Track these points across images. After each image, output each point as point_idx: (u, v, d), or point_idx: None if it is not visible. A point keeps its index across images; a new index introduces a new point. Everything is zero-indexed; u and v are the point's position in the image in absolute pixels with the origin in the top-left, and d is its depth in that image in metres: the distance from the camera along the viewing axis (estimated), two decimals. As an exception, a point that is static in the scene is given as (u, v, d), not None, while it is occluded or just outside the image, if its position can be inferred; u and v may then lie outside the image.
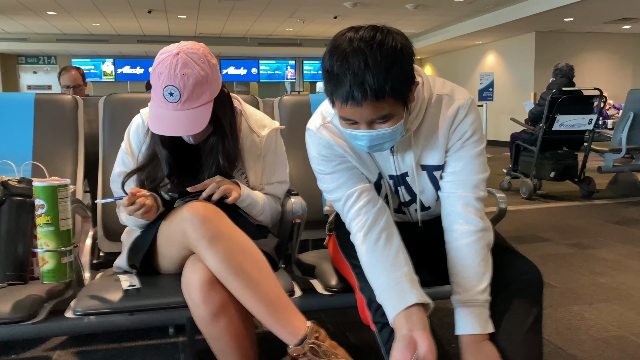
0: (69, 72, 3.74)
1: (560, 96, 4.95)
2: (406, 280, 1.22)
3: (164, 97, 1.36)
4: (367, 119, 1.16)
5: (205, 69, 1.38)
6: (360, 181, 1.34)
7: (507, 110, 11.08)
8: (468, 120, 1.31)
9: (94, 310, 1.35)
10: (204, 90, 1.38)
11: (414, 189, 1.38)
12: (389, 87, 1.11)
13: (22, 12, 10.11)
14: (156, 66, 1.37)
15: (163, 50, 1.39)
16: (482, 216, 1.31)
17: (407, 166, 1.35)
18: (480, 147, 1.34)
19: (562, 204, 5.03)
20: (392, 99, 1.13)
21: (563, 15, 9.35)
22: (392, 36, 1.13)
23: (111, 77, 14.95)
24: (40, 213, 1.31)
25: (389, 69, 1.10)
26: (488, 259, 1.29)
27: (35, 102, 1.93)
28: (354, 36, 1.13)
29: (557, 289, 2.65)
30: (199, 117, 1.38)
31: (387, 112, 1.15)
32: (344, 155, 1.34)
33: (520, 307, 1.27)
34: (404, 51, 1.14)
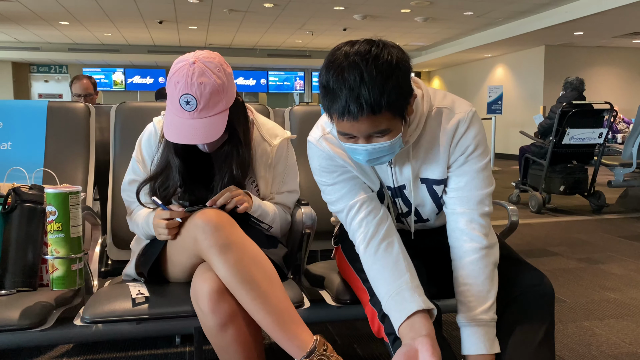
0: (81, 81, 3.78)
1: (571, 110, 4.94)
2: (406, 288, 1.20)
3: (180, 106, 1.36)
4: (364, 133, 1.15)
5: (221, 78, 1.39)
6: (362, 191, 1.33)
7: (516, 123, 11.04)
8: (470, 134, 1.29)
9: (102, 318, 1.35)
10: (220, 98, 1.39)
11: (411, 200, 1.37)
12: (385, 101, 1.10)
13: (35, 22, 10.25)
14: (172, 75, 1.38)
15: (179, 59, 1.40)
16: (487, 233, 1.29)
17: (405, 178, 1.34)
18: (484, 161, 1.31)
19: (571, 218, 4.99)
20: (389, 113, 1.12)
21: (573, 29, 9.34)
22: (387, 50, 1.13)
23: (121, 86, 15.08)
24: (52, 220, 1.31)
25: (385, 83, 1.09)
26: (493, 276, 1.27)
27: (48, 110, 1.94)
28: (349, 50, 1.12)
29: (567, 304, 2.62)
30: (215, 126, 1.39)
31: (384, 127, 1.14)
32: (344, 166, 1.33)
33: (531, 321, 1.25)
34: (400, 65, 1.13)
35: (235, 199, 1.42)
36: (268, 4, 8.72)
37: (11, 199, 1.52)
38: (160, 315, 1.37)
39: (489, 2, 8.52)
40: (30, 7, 8.90)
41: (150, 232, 1.48)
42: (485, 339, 1.21)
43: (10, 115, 1.90)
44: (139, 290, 1.41)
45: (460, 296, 1.27)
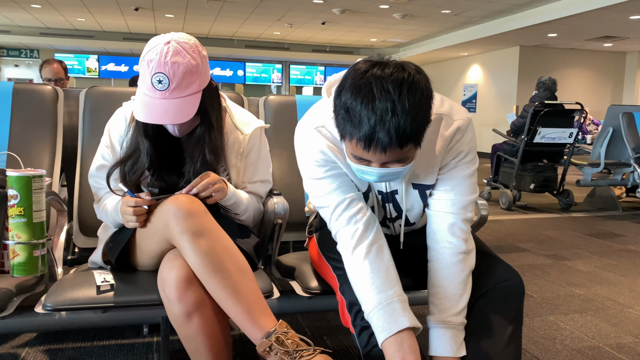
0: (51, 65, 3.68)
1: (543, 109, 5.02)
2: (398, 300, 1.18)
3: (152, 85, 1.34)
4: (383, 161, 1.12)
5: (195, 59, 1.37)
6: (350, 189, 1.29)
7: (490, 122, 11.19)
8: (465, 140, 1.29)
9: (65, 306, 1.31)
10: (194, 80, 1.37)
11: (402, 206, 1.35)
12: (414, 134, 1.07)
13: (5, 4, 9.94)
14: (146, 54, 1.36)
15: (154, 38, 1.38)
16: (467, 238, 1.30)
17: (398, 184, 1.32)
18: (472, 167, 1.32)
19: (540, 216, 5.09)
20: (413, 144, 1.10)
21: (547, 30, 9.51)
22: (417, 79, 1.08)
23: (95, 73, 14.77)
24: (13, 204, 1.27)
25: (416, 116, 1.05)
26: (467, 282, 1.28)
27: (13, 92, 1.88)
28: (380, 74, 1.06)
29: (534, 298, 2.67)
30: (187, 107, 1.37)
31: (404, 157, 1.12)
32: (335, 162, 1.28)
33: (499, 317, 1.26)
34: (428, 95, 1.10)
35: (213, 187, 1.40)
36: (246, -6, 8.65)
37: (-28, 182, 1.47)
38: (126, 303, 1.34)
39: (466, 1, 8.60)
40: (0, -12, 8.65)
41: (119, 221, 1.44)
42: (453, 342, 1.22)
43: (-27, 96, 1.84)
44: (104, 277, 1.38)
45: (432, 297, 1.28)
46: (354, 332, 1.26)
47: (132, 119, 1.50)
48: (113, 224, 1.51)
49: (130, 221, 1.37)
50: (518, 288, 1.30)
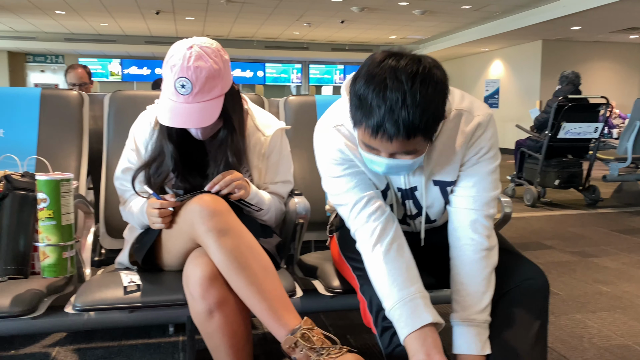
0: (76, 70, 3.75)
1: (567, 104, 4.94)
2: (420, 297, 1.19)
3: (175, 89, 1.36)
4: (391, 151, 1.13)
5: (218, 63, 1.39)
6: (368, 187, 1.29)
7: (513, 117, 11.06)
8: (486, 136, 1.29)
9: (94, 306, 1.34)
10: (216, 84, 1.39)
11: (422, 203, 1.34)
12: (422, 127, 1.07)
13: (31, 11, 10.17)
14: (169, 58, 1.38)
15: (176, 43, 1.40)
16: (490, 235, 1.29)
17: (417, 180, 1.31)
18: (495, 163, 1.31)
19: (566, 212, 5.01)
20: (422, 137, 1.10)
21: (570, 23, 9.34)
22: (432, 72, 1.08)
23: (118, 77, 15.02)
24: (43, 207, 1.31)
25: (426, 109, 1.06)
26: (490, 279, 1.26)
27: (41, 97, 1.93)
28: (395, 65, 1.06)
29: (560, 296, 2.63)
30: (210, 111, 1.39)
31: (412, 149, 1.13)
32: (353, 160, 1.29)
33: (525, 315, 1.25)
34: (442, 89, 1.10)
35: (235, 183, 1.42)
36: (265, -5, 8.69)
37: (3, 187, 1.51)
38: (152, 303, 1.37)
39: (487, -4, 8.50)
40: (26, -4, 8.85)
41: (145, 222, 1.47)
42: (477, 339, 1.21)
43: (3, 102, 1.89)
44: (130, 278, 1.41)
45: (455, 295, 1.27)
46: (375, 333, 1.26)
47: (156, 122, 1.53)
48: (139, 225, 1.54)
49: (156, 222, 1.39)
50: (543, 286, 1.28)
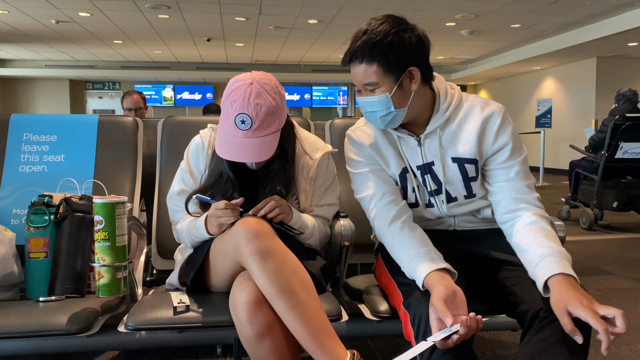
0: (131, 96, 3.92)
1: (624, 123, 4.75)
2: (434, 252, 1.32)
3: (235, 124, 1.41)
4: (359, 82, 1.37)
5: (276, 100, 1.43)
6: (386, 184, 1.47)
7: (566, 137, 10.71)
8: (507, 130, 1.42)
9: (145, 326, 1.38)
10: (274, 119, 1.44)
11: (440, 177, 1.45)
12: (375, 52, 1.30)
13: (91, 42, 10.75)
14: (229, 94, 1.43)
15: (236, 78, 1.45)
16: (537, 208, 1.38)
17: (433, 155, 1.45)
18: (523, 154, 1.43)
19: (625, 236, 4.77)
20: (379, 67, 1.32)
21: (626, 39, 9.01)
22: (408, 26, 1.34)
23: (171, 102, 15.56)
24: (99, 229, 1.36)
25: (383, 39, 1.30)
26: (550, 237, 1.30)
27: (98, 124, 2.02)
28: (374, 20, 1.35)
29: (621, 325, 2.49)
30: (267, 145, 1.44)
31: (373, 80, 1.34)
32: (371, 155, 1.48)
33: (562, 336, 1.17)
34: (409, 37, 1.32)
35: (279, 209, 1.44)
36: (313, 21, 8.84)
37: (62, 209, 1.59)
38: (200, 324, 1.39)
39: (537, 14, 8.34)
40: (87, 27, 9.36)
41: (197, 235, 1.51)
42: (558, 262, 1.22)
43: (64, 129, 1.99)
44: (180, 299, 1.44)
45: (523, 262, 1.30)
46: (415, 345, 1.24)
47: (209, 146, 1.58)
48: (189, 241, 1.57)
49: (224, 217, 1.40)
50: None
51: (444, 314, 1.14)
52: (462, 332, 1.12)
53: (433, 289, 1.21)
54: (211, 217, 1.45)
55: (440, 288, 1.19)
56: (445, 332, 1.13)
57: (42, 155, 1.94)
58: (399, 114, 1.39)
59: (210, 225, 1.46)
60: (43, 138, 1.97)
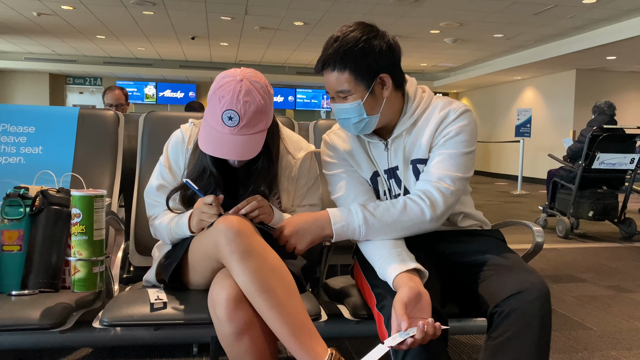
0: (113, 92, 3.88)
1: (601, 134, 4.84)
2: (406, 253, 1.33)
3: (222, 120, 1.38)
4: (332, 89, 1.38)
5: (265, 99, 1.42)
6: (360, 184, 1.49)
7: (545, 147, 10.87)
8: (457, 123, 1.41)
9: (120, 322, 1.36)
10: (262, 119, 1.42)
11: (401, 178, 1.47)
12: (347, 60, 1.32)
13: (73, 35, 10.58)
14: (217, 89, 1.40)
15: (225, 74, 1.42)
16: (434, 204, 1.36)
17: (398, 160, 1.47)
18: (461, 149, 1.40)
19: (600, 245, 4.86)
20: (351, 75, 1.34)
21: (605, 53, 9.21)
22: (378, 34, 1.36)
23: (152, 99, 15.40)
24: (76, 222, 1.34)
25: (354, 46, 1.32)
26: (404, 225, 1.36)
27: (79, 117, 1.99)
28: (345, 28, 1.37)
29: (594, 332, 2.54)
30: (253, 144, 1.42)
31: (345, 87, 1.35)
32: (345, 158, 1.51)
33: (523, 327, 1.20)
34: (379, 44, 1.35)
35: (259, 209, 1.43)
36: (298, 23, 8.84)
37: (39, 201, 1.55)
38: (177, 321, 1.37)
39: (520, 25, 8.47)
40: (69, 21, 9.21)
41: (178, 232, 1.49)
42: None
43: (42, 120, 1.96)
44: (157, 295, 1.42)
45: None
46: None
47: (190, 141, 1.56)
48: (169, 238, 1.55)
49: (208, 212, 1.37)
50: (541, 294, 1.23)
51: (400, 317, 1.16)
52: (418, 337, 1.13)
53: (398, 290, 1.22)
54: (195, 210, 1.43)
55: (404, 290, 1.21)
56: (402, 335, 1.15)
57: (19, 147, 1.90)
58: (371, 121, 1.41)
59: (192, 220, 1.44)
60: (21, 129, 1.93)
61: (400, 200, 1.39)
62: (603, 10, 7.37)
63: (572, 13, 7.58)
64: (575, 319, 2.72)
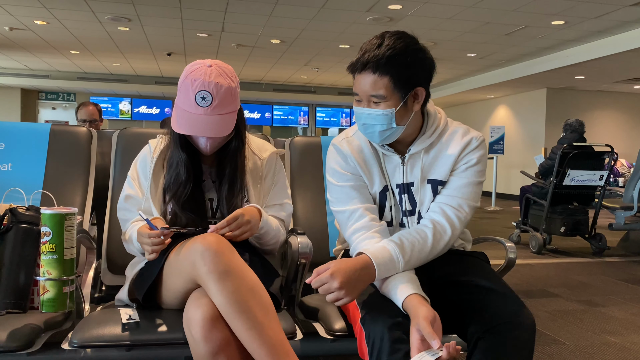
0: (87, 107, 3.82)
1: (571, 151, 4.96)
2: (415, 277, 1.32)
3: (195, 102, 1.44)
4: (365, 92, 1.34)
5: (234, 82, 1.50)
6: (367, 201, 1.45)
7: (518, 164, 11.08)
8: (477, 153, 1.45)
9: (91, 343, 1.33)
10: (232, 100, 1.49)
11: (416, 198, 1.47)
12: (390, 65, 1.30)
13: (46, 50, 10.44)
14: (188, 75, 1.46)
15: (193, 63, 1.50)
16: (453, 225, 1.40)
17: (415, 177, 1.46)
18: (479, 178, 1.45)
19: (572, 260, 4.95)
20: (390, 80, 1.31)
21: (574, 73, 9.48)
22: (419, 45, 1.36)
23: (127, 115, 15.23)
24: (46, 240, 1.31)
25: (396, 53, 1.30)
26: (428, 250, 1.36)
27: (50, 133, 1.96)
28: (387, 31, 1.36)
29: (566, 346, 2.57)
30: (226, 123, 1.48)
31: (382, 92, 1.32)
32: (356, 169, 1.46)
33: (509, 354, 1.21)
34: (422, 54, 1.35)
35: (242, 228, 1.43)
36: (275, 40, 8.89)
37: (7, 220, 1.51)
38: (151, 341, 1.35)
39: (492, 45, 8.67)
40: (43, 36, 9.09)
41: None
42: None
43: (12, 137, 1.92)
44: (129, 315, 1.39)
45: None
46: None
47: (155, 151, 1.61)
48: (140, 251, 1.53)
49: (147, 252, 1.40)
50: (527, 322, 1.25)
51: (431, 335, 1.14)
52: (444, 358, 1.12)
53: (418, 309, 1.20)
54: (140, 242, 1.44)
55: (425, 309, 1.19)
56: (430, 354, 1.13)
57: (-12, 164, 1.86)
58: (397, 131, 1.39)
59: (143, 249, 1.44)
60: (-10, 146, 1.89)
61: (428, 233, 1.38)
62: (572, 31, 7.61)
63: (542, 34, 7.80)
64: (548, 333, 2.76)
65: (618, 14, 6.67)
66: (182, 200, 1.54)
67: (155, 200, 1.57)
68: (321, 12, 7.05)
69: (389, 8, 6.74)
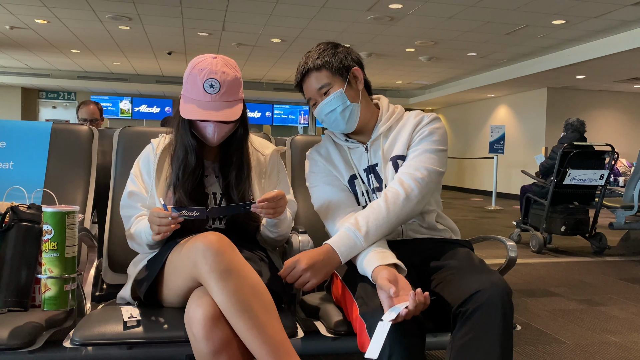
0: (88, 106, 3.82)
1: (572, 150, 4.96)
2: (387, 251, 1.42)
3: (203, 89, 1.47)
4: (314, 91, 1.58)
5: (239, 74, 1.55)
6: (342, 191, 1.62)
7: (518, 163, 11.08)
8: (430, 126, 1.59)
9: (92, 341, 1.33)
10: (238, 89, 1.54)
11: (381, 175, 1.60)
12: (321, 61, 1.56)
13: (47, 49, 10.44)
14: (195, 65, 1.50)
15: (199, 57, 1.55)
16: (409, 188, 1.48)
17: (378, 158, 1.62)
18: (435, 146, 1.56)
19: (572, 259, 4.95)
20: (328, 71, 1.56)
21: (575, 72, 9.48)
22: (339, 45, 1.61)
23: (128, 114, 15.23)
24: (47, 239, 1.31)
25: (322, 52, 1.57)
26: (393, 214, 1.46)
27: (52, 131, 1.96)
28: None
29: (567, 345, 2.57)
30: (234, 110, 1.52)
31: (325, 81, 1.56)
32: (325, 166, 1.65)
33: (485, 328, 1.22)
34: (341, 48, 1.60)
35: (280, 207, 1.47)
36: (276, 40, 8.89)
37: (9, 218, 1.52)
38: (152, 340, 1.35)
39: (493, 44, 8.67)
40: (43, 35, 9.10)
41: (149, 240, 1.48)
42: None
43: (13, 135, 1.92)
44: (131, 313, 1.40)
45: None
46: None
47: (158, 148, 1.63)
48: (145, 243, 1.53)
49: (154, 231, 1.41)
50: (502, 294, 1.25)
51: (387, 286, 1.24)
52: (411, 307, 1.19)
53: (378, 275, 1.31)
54: (150, 222, 1.43)
55: (385, 272, 1.31)
56: (397, 309, 1.19)
57: (-11, 162, 1.86)
58: (355, 109, 1.59)
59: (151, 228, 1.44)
60: (-9, 144, 1.89)
61: (380, 201, 1.49)
62: (572, 30, 7.60)
63: (543, 33, 7.80)
64: (549, 332, 2.76)
65: (618, 13, 6.67)
66: (190, 191, 1.54)
67: (159, 196, 1.57)
68: (322, 11, 7.05)
69: (389, 7, 6.74)
